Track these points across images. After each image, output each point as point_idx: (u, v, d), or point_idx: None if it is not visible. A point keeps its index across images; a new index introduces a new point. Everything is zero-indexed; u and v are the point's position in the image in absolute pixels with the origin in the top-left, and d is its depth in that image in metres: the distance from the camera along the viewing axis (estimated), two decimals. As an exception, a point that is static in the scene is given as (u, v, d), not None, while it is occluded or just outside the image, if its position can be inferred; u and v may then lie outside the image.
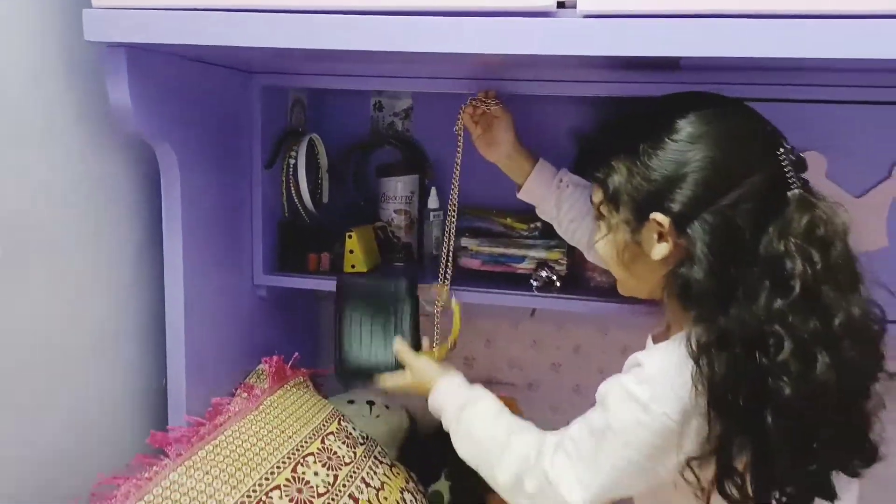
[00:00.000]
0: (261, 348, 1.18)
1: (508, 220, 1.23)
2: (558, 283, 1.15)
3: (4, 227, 0.80)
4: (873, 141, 0.98)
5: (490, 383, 1.42)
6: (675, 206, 0.72)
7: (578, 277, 1.18)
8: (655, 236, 0.75)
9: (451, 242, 1.13)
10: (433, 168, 1.30)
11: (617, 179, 0.77)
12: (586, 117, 1.24)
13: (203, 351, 1.04)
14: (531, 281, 1.15)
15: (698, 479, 0.70)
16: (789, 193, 0.71)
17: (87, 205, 0.93)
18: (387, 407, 1.40)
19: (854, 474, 0.76)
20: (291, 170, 1.19)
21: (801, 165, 0.74)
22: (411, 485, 1.11)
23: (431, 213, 1.26)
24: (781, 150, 0.73)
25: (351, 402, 1.39)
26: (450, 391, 0.95)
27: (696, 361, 0.68)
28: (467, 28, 0.73)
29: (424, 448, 1.33)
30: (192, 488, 0.82)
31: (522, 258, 1.18)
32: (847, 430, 0.71)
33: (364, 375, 1.08)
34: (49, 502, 0.82)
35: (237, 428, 0.95)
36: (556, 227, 1.07)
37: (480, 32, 0.73)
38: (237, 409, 0.99)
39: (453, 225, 1.14)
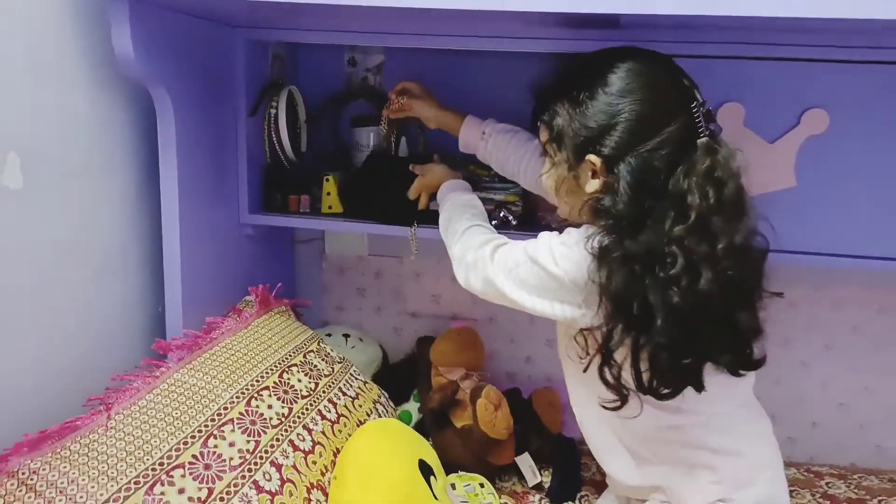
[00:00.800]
0: (247, 281, 1.30)
1: (472, 167, 1.36)
2: (514, 222, 1.28)
3: (25, 161, 0.91)
4: (785, 92, 1.12)
5: (455, 318, 1.57)
6: (606, 150, 0.85)
7: (533, 217, 1.32)
8: (590, 174, 0.88)
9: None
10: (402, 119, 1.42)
11: (560, 123, 0.90)
12: (539, 72, 1.36)
13: (196, 279, 1.16)
14: (490, 221, 1.29)
15: (584, 348, 0.88)
16: (698, 141, 0.85)
17: (92, 143, 1.04)
18: (361, 340, 1.54)
19: (734, 373, 0.91)
20: (273, 119, 1.31)
21: (710, 117, 0.88)
22: (383, 399, 1.26)
23: (401, 160, 1.38)
24: (695, 103, 0.86)
25: (328, 335, 1.52)
26: (451, 187, 1.16)
27: (598, 264, 0.83)
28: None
29: (395, 373, 1.48)
30: (193, 385, 0.95)
31: (483, 200, 1.31)
32: (726, 334, 0.86)
33: None
34: (68, 398, 0.95)
35: (230, 341, 1.08)
36: (496, 169, 1.22)
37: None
38: (229, 327, 1.12)
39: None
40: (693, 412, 0.93)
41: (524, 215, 1.30)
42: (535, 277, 0.90)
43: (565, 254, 0.87)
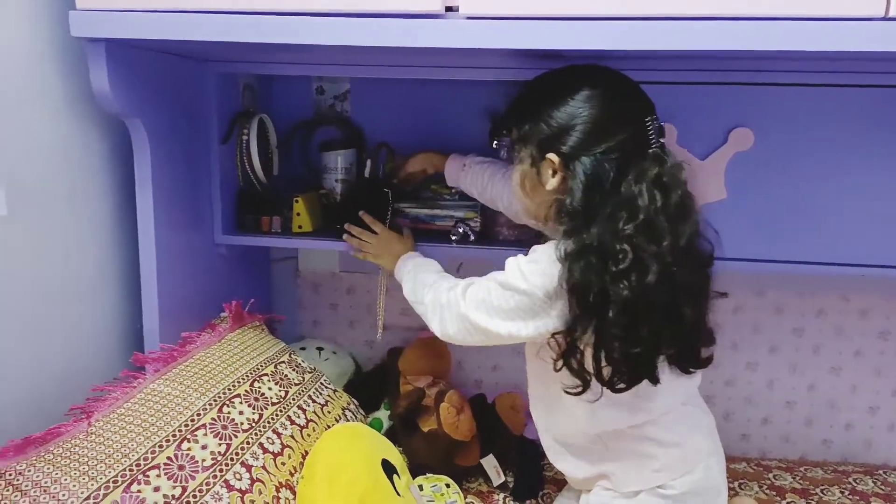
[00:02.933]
0: (224, 299, 1.37)
1: (433, 187, 1.45)
2: (473, 238, 1.37)
3: (10, 191, 0.99)
4: (713, 113, 1.22)
5: (424, 329, 1.65)
6: (565, 149, 0.94)
7: (490, 233, 1.41)
8: (550, 171, 0.97)
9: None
10: (368, 143, 1.51)
11: (527, 124, 0.99)
12: (496, 98, 1.46)
13: (173, 298, 1.24)
14: (451, 235, 1.38)
15: (558, 349, 0.96)
16: (649, 151, 0.94)
17: (73, 171, 1.13)
18: (334, 352, 1.62)
19: (684, 370, 1.01)
20: (245, 146, 1.39)
21: (661, 132, 0.98)
22: (352, 406, 1.33)
23: (367, 182, 1.47)
24: (649, 118, 0.96)
25: (303, 348, 1.60)
26: (411, 261, 1.23)
27: (562, 264, 0.92)
28: (374, 26, 0.94)
29: (366, 382, 1.56)
30: (168, 394, 1.02)
31: (443, 217, 1.40)
32: (672, 328, 0.95)
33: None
34: (51, 408, 1.02)
35: (204, 353, 1.15)
36: (481, 200, 1.32)
37: (384, 29, 0.94)
38: (204, 341, 1.20)
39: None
40: (646, 410, 1.02)
41: (482, 231, 1.39)
42: (508, 301, 0.96)
43: (534, 269, 0.95)
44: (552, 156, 0.96)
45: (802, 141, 1.21)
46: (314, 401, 1.21)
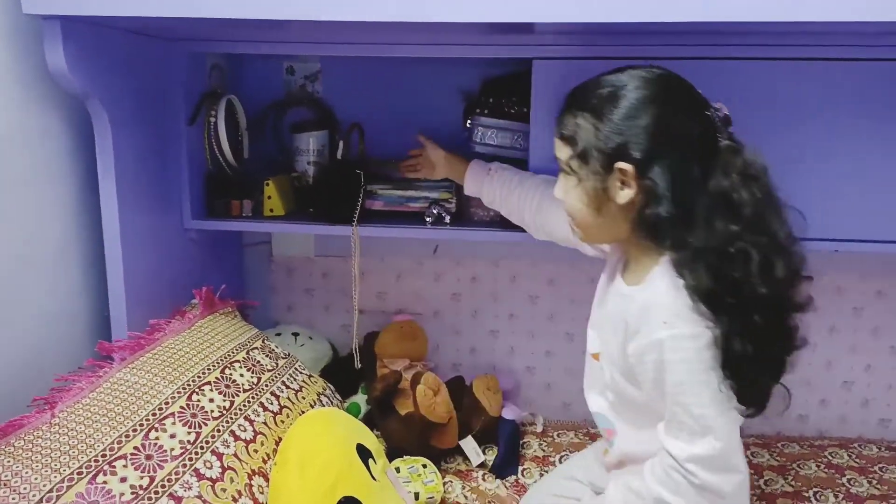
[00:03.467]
0: (195, 285, 1.34)
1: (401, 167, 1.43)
2: (447, 219, 1.35)
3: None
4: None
5: (400, 312, 1.64)
6: (637, 155, 0.86)
7: (465, 213, 1.39)
8: (619, 184, 0.88)
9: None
10: (340, 125, 1.48)
11: (584, 136, 0.90)
12: (468, 77, 1.45)
13: (140, 283, 1.21)
14: (425, 217, 1.36)
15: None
16: (721, 144, 0.87)
17: (34, 154, 1.09)
18: (310, 338, 1.60)
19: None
20: (213, 128, 1.36)
21: (726, 121, 0.90)
22: (328, 392, 1.32)
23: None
24: (710, 110, 0.88)
25: (278, 334, 1.58)
26: None
27: (684, 278, 0.85)
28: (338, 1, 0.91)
29: (343, 367, 1.54)
30: (135, 383, 1.00)
31: (418, 199, 1.38)
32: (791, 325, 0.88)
33: None
34: (13, 400, 0.99)
35: (173, 341, 1.13)
36: (502, 209, 1.22)
37: (347, 4, 0.91)
38: (173, 328, 1.17)
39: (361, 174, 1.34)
40: None
41: (457, 212, 1.37)
42: (708, 374, 0.85)
43: (684, 317, 0.85)
44: (623, 165, 0.87)
45: (778, 115, 1.20)
46: (288, 387, 1.19)
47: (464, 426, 1.41)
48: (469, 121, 1.36)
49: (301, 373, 1.27)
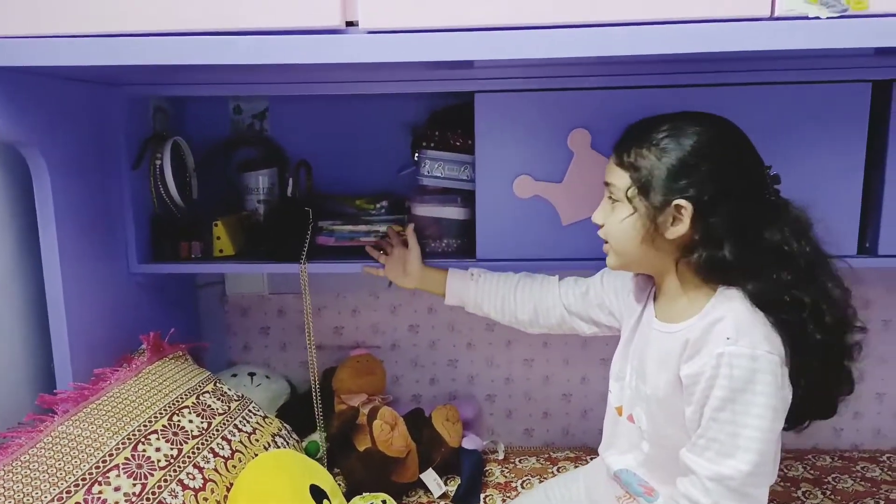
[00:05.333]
0: (144, 330, 1.31)
1: (358, 202, 1.44)
2: (398, 252, 1.35)
3: None
4: (624, 118, 1.24)
5: (358, 347, 1.63)
6: (698, 195, 0.88)
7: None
8: (671, 219, 0.90)
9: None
10: (290, 162, 1.49)
11: (648, 168, 0.91)
12: (415, 112, 1.46)
13: (85, 334, 1.18)
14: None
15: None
16: (772, 199, 0.92)
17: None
18: (267, 377, 1.57)
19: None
20: (158, 170, 1.35)
21: (776, 180, 0.95)
22: (284, 432, 1.30)
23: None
24: (764, 167, 0.93)
25: (234, 375, 1.55)
26: None
27: (769, 312, 0.88)
28: (276, 43, 0.92)
29: (302, 405, 1.52)
30: (77, 436, 0.97)
31: (368, 233, 1.38)
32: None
33: None
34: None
35: (118, 389, 1.10)
36: (483, 308, 1.22)
37: (285, 47, 0.91)
38: (119, 377, 1.14)
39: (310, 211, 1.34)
40: None
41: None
42: (759, 398, 0.85)
43: (750, 340, 0.86)
44: (683, 202, 0.89)
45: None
46: (241, 430, 1.17)
47: (424, 459, 1.40)
48: (416, 154, 1.38)
49: (255, 414, 1.25)
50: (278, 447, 1.23)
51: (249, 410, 1.25)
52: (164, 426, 1.06)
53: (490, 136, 1.23)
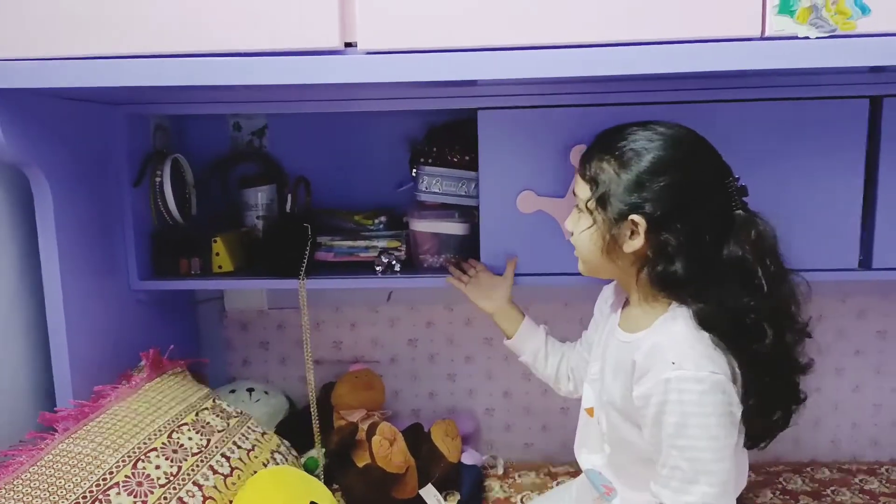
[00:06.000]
0: (145, 347, 1.31)
1: (356, 218, 1.45)
2: (397, 267, 1.36)
3: None
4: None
5: (357, 361, 1.64)
6: (652, 211, 0.89)
7: (415, 261, 1.40)
8: (628, 233, 0.92)
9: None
10: (288, 178, 1.50)
11: (606, 182, 0.93)
12: (413, 128, 1.48)
13: (85, 351, 1.19)
14: (375, 266, 1.37)
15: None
16: (735, 213, 0.91)
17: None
18: (266, 392, 1.58)
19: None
20: (158, 187, 1.36)
21: (742, 191, 0.93)
22: (283, 448, 1.30)
23: (289, 217, 1.45)
24: (729, 179, 0.92)
25: (232, 391, 1.55)
26: None
27: (702, 324, 0.89)
28: (276, 64, 0.93)
29: (299, 420, 1.52)
30: (78, 453, 0.98)
31: (367, 248, 1.39)
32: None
33: None
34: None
35: (118, 407, 1.11)
36: (540, 364, 1.23)
37: (285, 68, 0.93)
38: (118, 394, 1.15)
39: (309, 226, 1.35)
40: None
41: (407, 259, 1.38)
42: (710, 419, 0.86)
43: (694, 362, 0.86)
44: (637, 218, 0.90)
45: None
46: (240, 447, 1.18)
47: (423, 474, 1.40)
48: (415, 170, 1.39)
49: (254, 431, 1.26)
50: (277, 463, 1.23)
51: (248, 427, 1.26)
52: (163, 443, 1.06)
53: (493, 152, 1.24)
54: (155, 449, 1.04)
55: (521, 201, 1.25)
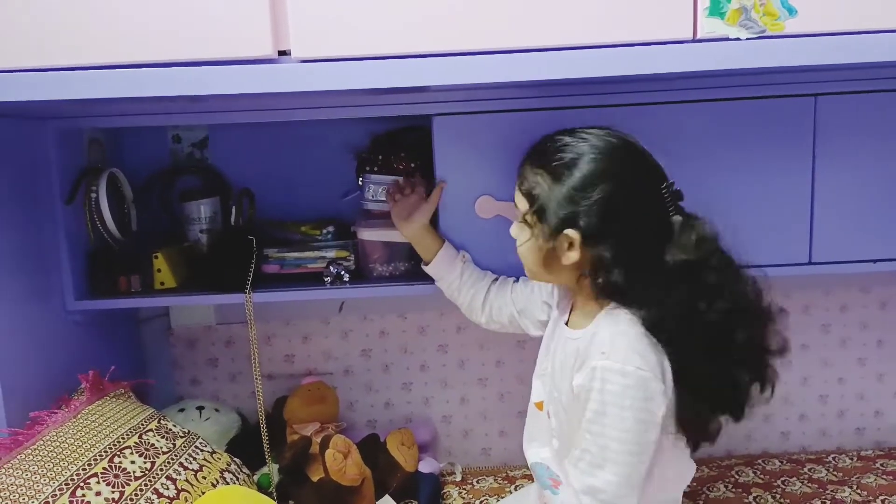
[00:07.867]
0: (84, 369, 1.26)
1: (303, 229, 1.42)
2: (346, 278, 1.34)
3: None
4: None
5: (310, 374, 1.61)
6: (585, 226, 0.89)
7: (365, 271, 1.38)
8: (566, 245, 0.92)
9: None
10: (232, 190, 1.46)
11: (541, 195, 0.93)
12: (357, 135, 1.46)
13: (19, 377, 1.13)
14: (324, 277, 1.34)
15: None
16: (672, 218, 0.92)
17: None
18: (217, 410, 1.53)
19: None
20: (94, 203, 1.31)
21: (678, 196, 0.94)
22: (233, 467, 1.26)
23: (233, 230, 1.42)
24: (664, 185, 0.93)
25: (181, 409, 1.51)
26: None
27: (658, 335, 0.89)
28: (209, 74, 0.91)
29: (252, 437, 1.48)
30: (11, 485, 0.93)
31: (315, 259, 1.37)
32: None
33: None
34: None
35: (55, 433, 1.06)
36: (455, 293, 1.22)
37: (221, 77, 0.91)
38: (56, 420, 1.10)
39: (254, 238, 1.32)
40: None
41: (356, 270, 1.36)
42: (627, 412, 0.87)
43: (623, 356, 0.88)
44: (571, 232, 0.91)
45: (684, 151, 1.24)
46: (187, 468, 1.14)
47: (380, 485, 1.38)
48: (360, 179, 1.38)
49: (202, 450, 1.22)
50: (227, 483, 1.20)
51: (196, 447, 1.22)
52: (104, 469, 1.02)
53: (449, 158, 1.24)
54: (95, 475, 1.00)
55: (479, 206, 1.24)
